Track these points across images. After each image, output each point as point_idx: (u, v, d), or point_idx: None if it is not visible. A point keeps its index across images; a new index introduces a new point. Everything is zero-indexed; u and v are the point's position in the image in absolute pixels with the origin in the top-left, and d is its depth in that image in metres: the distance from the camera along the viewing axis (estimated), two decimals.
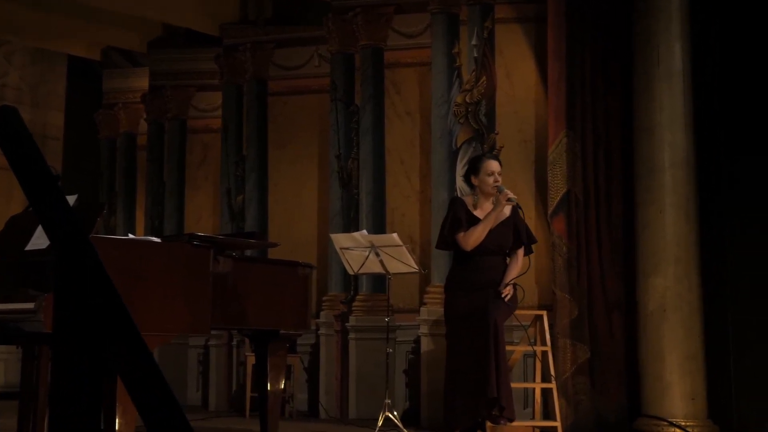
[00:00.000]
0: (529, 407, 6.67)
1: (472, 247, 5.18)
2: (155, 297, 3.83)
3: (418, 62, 7.94)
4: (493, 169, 5.24)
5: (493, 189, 5.22)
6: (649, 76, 6.33)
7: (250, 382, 7.71)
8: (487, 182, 5.24)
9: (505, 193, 5.14)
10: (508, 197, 5.14)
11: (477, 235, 5.16)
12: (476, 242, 5.17)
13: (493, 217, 5.17)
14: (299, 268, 4.90)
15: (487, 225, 5.16)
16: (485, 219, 5.17)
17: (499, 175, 5.25)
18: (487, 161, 5.30)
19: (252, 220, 8.64)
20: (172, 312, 3.89)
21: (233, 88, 9.05)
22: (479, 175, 5.26)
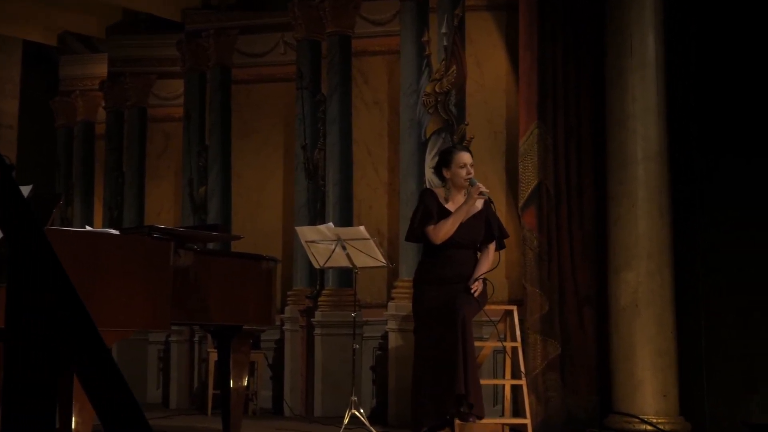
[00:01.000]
0: (499, 404, 6.70)
1: (442, 240, 5.19)
2: (113, 291, 3.81)
3: (386, 50, 7.94)
4: (466, 161, 5.25)
5: (465, 182, 5.23)
6: (622, 66, 6.37)
7: (212, 379, 7.68)
8: (460, 175, 5.25)
9: (477, 187, 5.16)
10: (480, 191, 5.15)
11: (447, 229, 5.17)
12: (446, 235, 5.18)
13: (464, 211, 5.19)
14: (263, 262, 4.89)
15: (458, 218, 5.18)
16: (456, 212, 5.19)
17: (471, 167, 5.26)
18: (459, 153, 5.31)
19: (215, 211, 8.61)
20: (130, 307, 3.87)
21: (196, 76, 9.00)
22: (451, 167, 5.27)
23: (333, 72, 7.96)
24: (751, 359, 6.28)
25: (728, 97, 6.49)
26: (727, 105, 6.49)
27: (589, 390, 6.51)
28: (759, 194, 6.29)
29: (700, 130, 6.56)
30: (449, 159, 5.29)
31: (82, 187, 10.59)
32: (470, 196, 5.18)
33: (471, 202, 5.19)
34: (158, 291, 3.99)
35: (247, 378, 4.96)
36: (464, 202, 5.20)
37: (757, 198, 6.30)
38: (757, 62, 6.40)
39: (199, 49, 8.90)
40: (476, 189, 5.15)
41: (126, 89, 9.75)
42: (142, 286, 3.93)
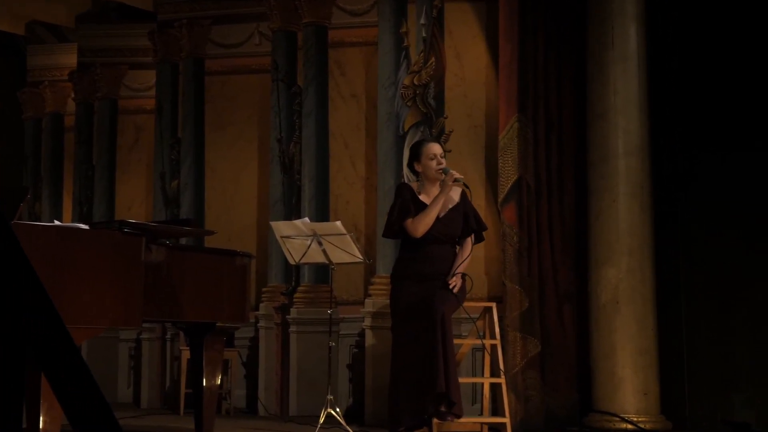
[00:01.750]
0: (478, 403, 6.72)
1: (422, 233, 5.19)
2: (82, 288, 3.79)
3: (363, 42, 7.93)
4: (435, 151, 5.26)
5: (438, 173, 5.24)
6: (603, 59, 6.39)
7: (184, 377, 7.66)
8: (431, 166, 5.25)
9: (451, 174, 5.16)
10: (455, 178, 5.16)
11: (426, 221, 5.17)
12: (426, 228, 5.17)
13: (441, 200, 5.19)
14: (237, 258, 4.87)
15: (436, 208, 5.17)
16: (433, 202, 5.19)
17: (442, 158, 5.27)
18: (427, 145, 5.32)
19: (187, 206, 8.57)
20: (100, 304, 3.85)
21: (168, 67, 8.95)
22: (421, 160, 5.28)
23: (309, 63, 7.94)
24: (732, 357, 6.33)
25: (711, 91, 6.53)
26: (710, 98, 6.53)
27: (570, 388, 6.54)
28: (741, 189, 6.34)
29: (682, 124, 6.61)
30: (418, 152, 5.31)
31: (51, 181, 10.51)
32: (445, 184, 5.18)
33: (447, 190, 5.19)
34: (129, 287, 3.97)
35: (220, 376, 4.95)
36: (440, 191, 5.20)
37: (739, 193, 6.34)
38: (740, 55, 6.44)
39: (172, 39, 8.86)
40: (450, 176, 5.16)
41: (96, 80, 9.68)
42: (112, 283, 3.91)
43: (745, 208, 6.32)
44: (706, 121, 6.54)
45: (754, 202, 6.28)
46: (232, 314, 4.81)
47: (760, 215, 6.25)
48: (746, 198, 6.32)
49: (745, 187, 6.33)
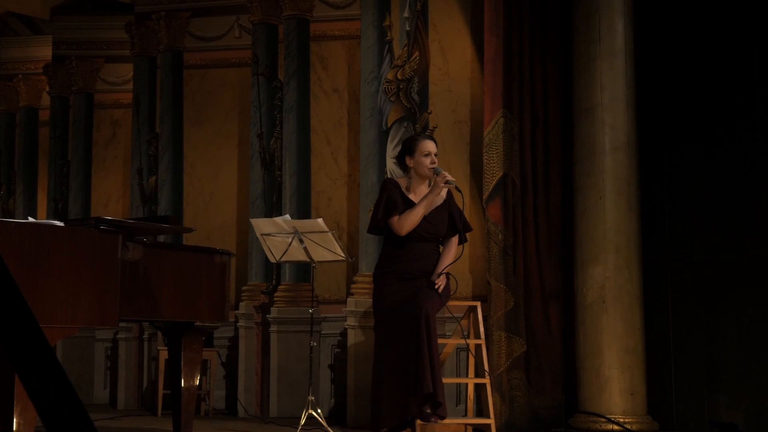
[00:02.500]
0: (462, 404, 6.74)
1: (407, 232, 5.19)
2: (57, 286, 3.77)
3: (346, 35, 7.92)
4: (430, 149, 5.26)
5: (430, 171, 5.24)
6: (590, 53, 6.41)
7: (162, 378, 7.64)
8: (423, 164, 5.25)
9: (443, 175, 5.16)
10: (446, 179, 5.16)
11: (413, 219, 5.17)
12: (412, 226, 5.18)
13: (429, 200, 5.19)
14: (216, 256, 4.86)
15: (423, 208, 5.18)
16: (421, 202, 5.19)
17: (435, 156, 5.27)
18: (423, 141, 5.31)
19: (165, 203, 8.54)
20: (76, 303, 3.83)
21: (145, 60, 8.92)
22: (414, 156, 5.27)
23: (290, 57, 7.93)
24: (719, 357, 6.36)
25: (699, 87, 6.55)
26: (698, 94, 6.55)
27: (555, 389, 6.56)
28: (729, 186, 6.37)
29: (670, 120, 6.63)
30: (413, 147, 5.29)
31: (25, 177, 10.46)
32: (435, 185, 5.18)
33: (436, 191, 5.19)
34: (105, 286, 3.96)
35: (199, 377, 4.93)
36: (429, 192, 5.20)
37: (728, 190, 6.37)
38: (728, 51, 6.47)
39: (150, 31, 8.82)
40: (442, 177, 5.16)
41: (72, 73, 9.64)
42: (88, 281, 3.89)
43: (732, 205, 6.35)
44: (694, 117, 6.57)
45: (742, 199, 6.31)
46: (211, 313, 4.80)
47: (748, 212, 6.28)
48: (734, 195, 6.35)
49: (733, 184, 6.36)
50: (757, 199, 6.27)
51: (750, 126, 6.33)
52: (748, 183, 6.30)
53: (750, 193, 6.30)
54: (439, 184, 5.16)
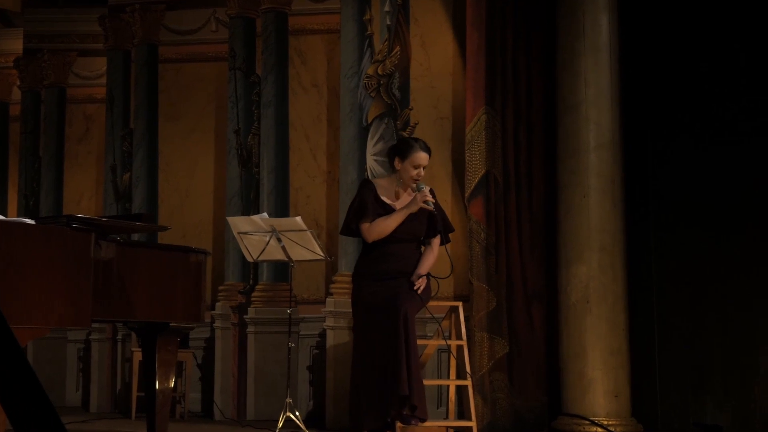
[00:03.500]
0: (443, 406, 6.75)
1: (374, 240, 5.21)
2: (28, 286, 3.75)
3: (325, 29, 7.91)
4: (421, 162, 5.26)
5: (412, 183, 5.26)
6: (574, 49, 6.43)
7: (136, 380, 7.62)
8: (410, 173, 5.26)
9: (423, 193, 5.18)
10: (425, 199, 5.18)
11: (382, 230, 5.19)
12: (380, 236, 5.20)
13: (404, 214, 5.22)
14: (192, 255, 4.85)
15: (396, 220, 5.20)
16: (395, 214, 5.21)
17: (423, 170, 5.28)
18: (417, 152, 5.27)
19: (140, 200, 8.51)
20: (47, 302, 3.81)
21: (119, 54, 8.88)
22: (404, 162, 5.27)
23: (268, 51, 7.91)
24: (704, 358, 6.40)
25: (684, 83, 6.59)
26: (683, 91, 6.59)
27: (538, 391, 6.58)
28: (715, 184, 6.41)
29: (655, 116, 6.66)
30: (406, 153, 5.27)
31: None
32: (414, 201, 5.21)
33: (412, 207, 5.21)
34: (78, 285, 3.94)
35: (174, 379, 4.92)
36: (406, 206, 5.23)
37: (714, 188, 6.41)
38: (712, 47, 6.50)
39: (124, 24, 8.79)
40: (422, 196, 5.18)
41: (43, 67, 9.58)
42: (60, 280, 3.87)
43: (719, 203, 6.38)
44: (679, 113, 6.60)
45: (729, 197, 6.35)
46: (186, 314, 4.78)
47: (734, 211, 6.32)
48: (720, 193, 6.39)
49: (719, 182, 6.39)
50: (743, 198, 6.31)
51: (735, 121, 6.37)
52: (735, 180, 6.34)
53: (737, 190, 6.33)
54: (418, 202, 5.19)
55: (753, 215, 6.27)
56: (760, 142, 6.28)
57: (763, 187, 6.25)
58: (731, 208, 6.33)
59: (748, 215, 6.29)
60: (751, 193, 6.28)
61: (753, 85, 6.37)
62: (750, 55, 6.39)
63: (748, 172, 6.29)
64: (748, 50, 6.39)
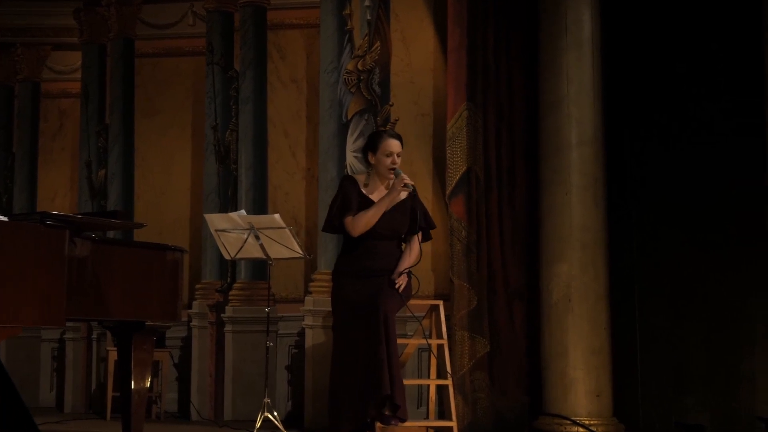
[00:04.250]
0: (423, 406, 6.75)
1: (360, 233, 5.20)
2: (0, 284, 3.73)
3: (305, 24, 7.90)
4: (393, 149, 5.25)
5: (389, 171, 5.25)
6: (557, 45, 6.44)
7: (111, 380, 7.59)
8: (384, 163, 5.25)
9: (402, 178, 5.17)
10: (405, 183, 5.17)
11: (366, 221, 5.18)
12: (365, 228, 5.19)
13: (386, 203, 5.20)
14: (169, 252, 4.83)
15: (379, 211, 5.19)
16: (378, 203, 5.19)
17: (398, 157, 5.27)
18: (387, 139, 5.29)
19: (115, 197, 8.48)
20: (20, 301, 3.79)
21: (95, 48, 8.84)
22: (377, 153, 5.27)
23: (247, 46, 7.89)
24: (686, 357, 6.43)
25: (661, 82, 6.61)
26: (660, 90, 6.61)
27: (519, 390, 6.60)
28: (693, 184, 6.44)
29: (638, 114, 6.68)
30: (377, 144, 5.29)
31: None
32: (394, 187, 5.19)
33: (394, 194, 5.20)
34: (52, 284, 3.92)
35: (150, 379, 4.90)
36: (387, 194, 5.21)
37: (691, 188, 6.44)
38: (695, 44, 6.53)
39: (99, 18, 8.75)
40: (400, 180, 5.16)
41: (17, 61, 9.53)
42: (33, 279, 3.85)
43: (698, 202, 6.42)
44: (656, 113, 6.62)
45: (708, 196, 6.39)
46: (162, 312, 4.77)
47: (714, 210, 6.36)
48: (700, 192, 6.42)
49: (698, 181, 6.43)
50: (722, 197, 6.34)
51: (712, 122, 6.41)
52: (714, 180, 6.37)
53: (715, 190, 6.37)
54: (397, 187, 5.17)
55: (731, 215, 6.31)
56: (737, 142, 6.32)
57: (740, 186, 6.29)
58: (710, 207, 6.37)
59: (727, 215, 6.33)
60: (729, 192, 6.32)
61: (731, 85, 6.41)
62: (728, 55, 6.43)
63: (726, 172, 6.33)
64: (727, 50, 6.43)
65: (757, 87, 6.22)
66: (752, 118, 6.26)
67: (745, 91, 6.36)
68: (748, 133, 6.30)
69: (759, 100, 6.21)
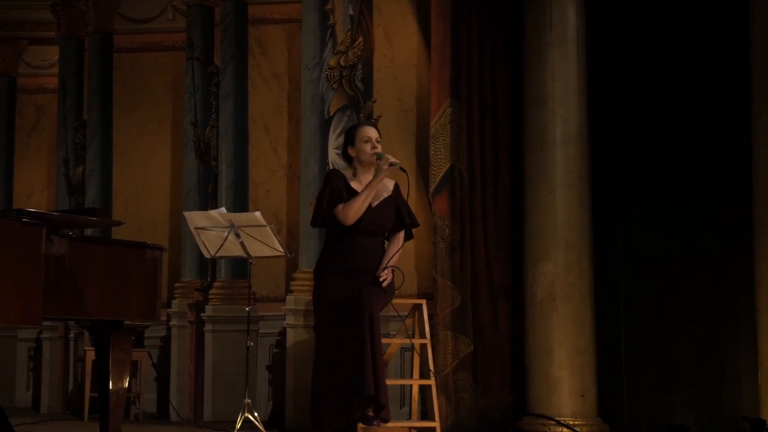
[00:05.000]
0: (406, 406, 6.75)
1: (353, 221, 5.16)
2: None
3: (286, 19, 7.89)
4: (370, 135, 5.25)
5: (372, 157, 5.23)
6: (541, 42, 6.45)
7: (89, 380, 7.57)
8: (365, 150, 5.24)
9: (386, 158, 5.15)
10: (391, 162, 5.15)
11: (358, 206, 5.15)
12: (357, 215, 5.15)
13: (375, 186, 5.17)
14: (148, 251, 4.81)
15: (369, 194, 5.16)
16: (367, 187, 5.17)
17: (377, 142, 5.26)
18: (361, 128, 5.31)
19: (93, 194, 8.45)
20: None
21: (72, 42, 8.81)
22: (355, 144, 5.27)
23: (227, 41, 7.87)
24: (672, 356, 6.45)
25: (645, 77, 6.63)
26: (644, 85, 6.63)
27: (503, 390, 6.60)
28: (677, 181, 6.46)
29: (623, 111, 6.70)
30: (353, 135, 5.29)
31: None
32: (380, 168, 5.17)
33: (381, 176, 5.18)
34: (28, 282, 3.89)
35: (128, 379, 4.87)
36: (374, 177, 5.19)
37: (676, 185, 6.47)
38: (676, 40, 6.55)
39: (77, 12, 8.71)
40: (386, 161, 5.15)
41: None
42: (9, 277, 3.83)
43: (683, 199, 6.44)
44: (641, 108, 6.64)
45: (693, 193, 6.41)
46: (141, 312, 4.74)
47: (699, 207, 6.39)
48: (684, 189, 6.45)
49: (683, 178, 6.45)
50: (710, 192, 6.37)
51: (696, 117, 6.43)
52: (699, 176, 6.40)
53: (700, 186, 6.40)
54: (383, 167, 5.15)
55: (718, 211, 6.34)
56: (722, 137, 6.35)
57: (726, 181, 6.31)
58: (696, 204, 6.40)
59: (713, 211, 6.36)
60: (715, 188, 6.34)
61: (716, 80, 6.44)
62: (713, 50, 6.45)
63: (711, 168, 6.36)
64: (711, 45, 6.46)
65: (743, 82, 6.25)
66: (737, 113, 6.28)
67: (730, 85, 6.39)
68: (733, 128, 6.32)
69: (744, 94, 6.23)
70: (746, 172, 6.18)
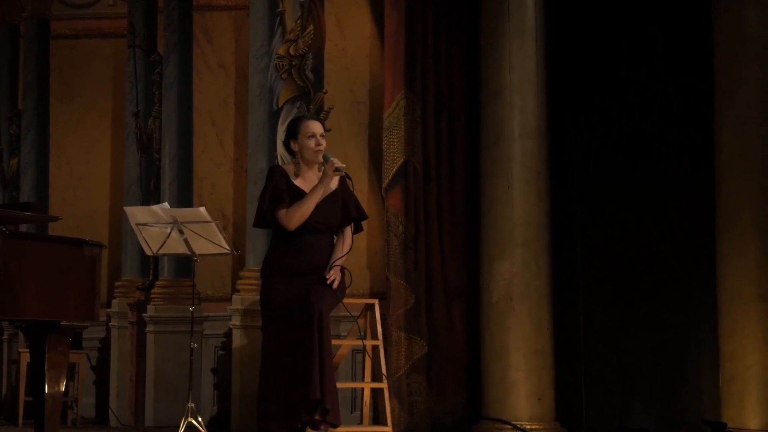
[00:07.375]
0: (357, 410, 6.76)
1: (296, 226, 5.17)
2: None
3: (233, 5, 7.84)
4: (314, 130, 5.25)
5: (317, 155, 5.24)
6: (498, 31, 6.48)
7: (24, 383, 7.49)
8: (308, 146, 5.24)
9: (332, 163, 5.16)
10: (336, 167, 5.15)
11: (302, 212, 5.15)
12: (301, 220, 5.16)
13: (319, 191, 5.18)
14: (86, 247, 4.77)
15: (313, 199, 5.17)
16: (311, 192, 5.17)
17: (321, 138, 5.25)
18: (305, 122, 5.30)
19: (29, 188, 8.37)
20: None
21: (6, 28, 8.71)
22: (298, 138, 5.26)
23: (171, 28, 7.81)
24: (631, 358, 6.52)
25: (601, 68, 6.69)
26: (601, 76, 6.69)
27: (458, 393, 6.64)
28: (637, 175, 6.53)
29: (582, 104, 6.75)
30: (296, 129, 5.29)
31: None
32: (325, 173, 5.17)
33: (326, 180, 5.18)
34: None
35: (65, 382, 4.84)
36: (319, 181, 5.19)
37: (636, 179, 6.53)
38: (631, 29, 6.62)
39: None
40: (331, 165, 5.15)
41: None
42: None
43: (647, 195, 6.50)
44: (597, 98, 6.69)
45: (656, 189, 6.47)
46: (79, 311, 4.71)
47: (661, 206, 6.45)
48: (648, 185, 6.51)
49: (646, 173, 6.52)
50: (671, 190, 6.43)
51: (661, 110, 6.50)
52: (662, 171, 6.47)
53: (664, 182, 6.46)
54: (328, 172, 5.16)
55: (678, 207, 6.42)
56: (683, 134, 6.42)
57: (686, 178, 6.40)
58: (656, 200, 6.47)
59: (674, 208, 6.43)
60: (676, 185, 6.43)
61: (671, 67, 6.50)
62: (668, 38, 6.52)
63: (671, 164, 6.43)
64: (667, 34, 6.52)
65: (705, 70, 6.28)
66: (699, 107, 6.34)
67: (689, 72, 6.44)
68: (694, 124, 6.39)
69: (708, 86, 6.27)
70: (709, 167, 6.24)
